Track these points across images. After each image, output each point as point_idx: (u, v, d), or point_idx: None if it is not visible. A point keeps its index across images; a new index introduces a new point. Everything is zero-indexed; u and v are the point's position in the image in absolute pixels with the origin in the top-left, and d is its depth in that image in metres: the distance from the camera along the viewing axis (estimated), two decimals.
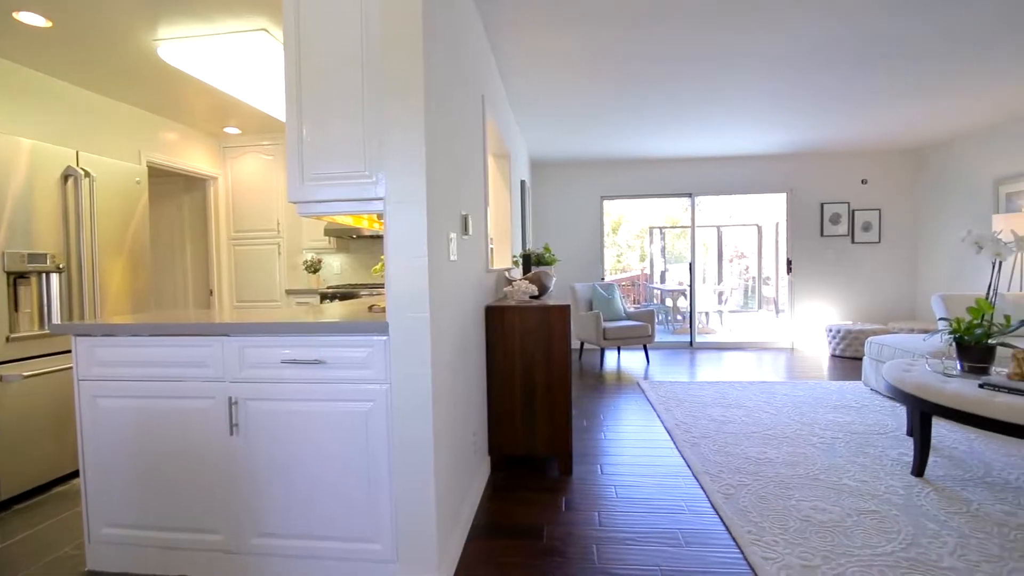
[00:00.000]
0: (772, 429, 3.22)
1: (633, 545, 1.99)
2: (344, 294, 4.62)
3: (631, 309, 5.88)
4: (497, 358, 2.64)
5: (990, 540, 1.95)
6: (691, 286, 6.60)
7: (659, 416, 3.58)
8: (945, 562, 1.81)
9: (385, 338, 1.68)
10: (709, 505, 2.30)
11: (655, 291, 9.21)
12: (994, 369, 2.52)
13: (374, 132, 1.68)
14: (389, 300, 1.66)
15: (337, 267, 5.23)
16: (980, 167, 5.24)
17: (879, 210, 6.21)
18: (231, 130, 4.58)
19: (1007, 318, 2.50)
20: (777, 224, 8.29)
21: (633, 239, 14.02)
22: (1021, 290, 4.50)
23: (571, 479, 2.60)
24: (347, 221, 2.31)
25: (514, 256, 3.86)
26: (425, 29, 1.63)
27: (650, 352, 6.03)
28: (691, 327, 6.61)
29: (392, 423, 1.68)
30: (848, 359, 5.50)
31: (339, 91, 1.70)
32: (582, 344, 5.95)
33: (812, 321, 6.34)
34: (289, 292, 4.82)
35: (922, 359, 2.89)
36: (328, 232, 4.86)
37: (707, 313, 8.26)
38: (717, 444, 2.99)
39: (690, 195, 6.42)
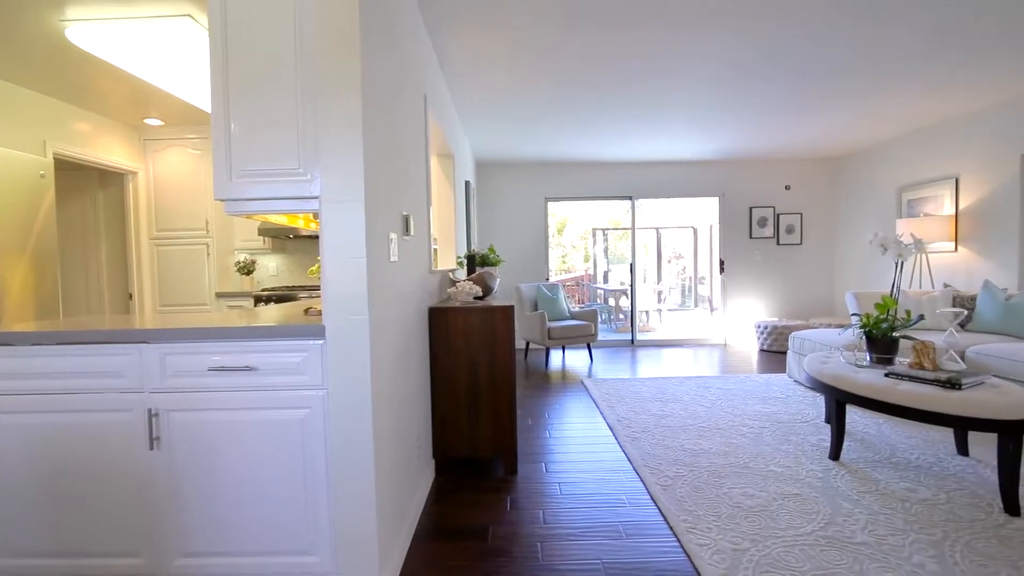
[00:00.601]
0: (707, 421, 3.39)
1: (576, 540, 2.02)
2: (281, 296, 4.42)
3: (575, 309, 6.00)
4: (441, 360, 2.61)
5: (895, 515, 2.14)
6: (632, 286, 6.82)
7: (602, 413, 3.67)
8: (857, 538, 1.97)
9: (321, 342, 1.62)
10: (648, 497, 2.38)
11: (598, 291, 9.45)
12: (898, 360, 2.77)
13: (309, 128, 1.61)
14: (325, 302, 1.60)
15: (273, 268, 5.00)
16: (886, 176, 5.75)
17: (801, 214, 6.68)
18: (153, 122, 4.27)
19: (908, 313, 2.75)
20: (711, 226, 8.73)
21: (578, 240, 14.33)
22: (921, 287, 4.97)
23: (516, 478, 2.62)
24: (282, 221, 2.22)
25: (459, 257, 3.84)
26: (363, 25, 1.59)
27: (594, 350, 6.17)
28: (632, 326, 6.83)
29: (330, 430, 1.63)
30: (775, 353, 5.87)
31: (271, 85, 1.62)
32: (528, 344, 6.01)
33: (743, 318, 6.72)
34: (220, 295, 4.56)
35: (837, 352, 3.14)
36: (263, 232, 4.64)
37: (647, 312, 8.56)
38: (656, 438, 3.10)
39: (630, 198, 6.64)
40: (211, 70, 1.62)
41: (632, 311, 6.86)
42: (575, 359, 5.78)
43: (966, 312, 3.47)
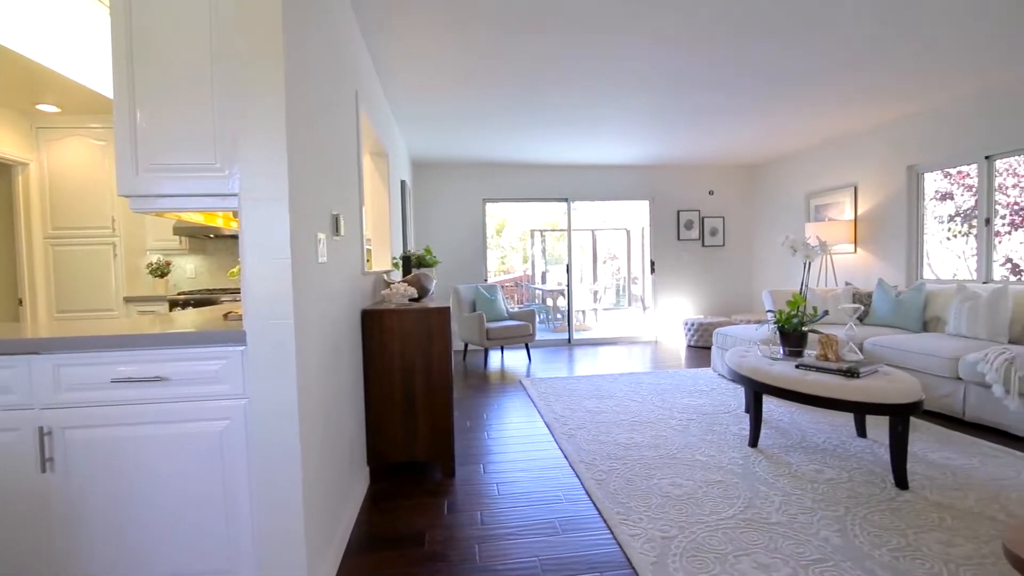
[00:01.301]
0: (639, 416, 3.52)
1: (513, 539, 2.04)
2: (200, 300, 4.13)
3: (514, 309, 6.05)
4: (375, 364, 2.54)
5: (805, 495, 2.32)
6: (569, 286, 6.97)
7: (539, 411, 3.72)
8: (773, 518, 2.12)
9: (242, 348, 1.52)
10: (584, 492, 2.44)
11: (537, 291, 9.58)
12: (807, 352, 3.01)
13: (227, 120, 1.52)
14: (247, 306, 1.51)
15: (191, 270, 4.66)
16: (797, 182, 6.24)
17: (723, 217, 7.11)
18: (47, 108, 3.85)
19: (815, 309, 3.00)
20: (643, 228, 9.09)
21: (516, 241, 14.45)
22: (827, 285, 5.44)
23: (454, 481, 2.60)
24: (198, 219, 2.07)
25: (394, 258, 3.76)
26: (286, 12, 1.51)
27: (532, 350, 6.25)
28: (569, 325, 6.98)
29: (252, 441, 1.54)
30: (701, 348, 6.21)
31: (183, 72, 1.51)
32: (466, 345, 5.98)
33: (672, 316, 7.05)
34: (129, 300, 4.18)
35: (755, 346, 3.36)
36: (179, 231, 4.31)
37: (584, 311, 8.78)
38: (591, 434, 3.18)
39: (566, 200, 6.78)
40: (113, 51, 1.49)
41: (569, 311, 7.01)
42: (514, 359, 5.83)
43: (863, 307, 3.83)
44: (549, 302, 8.71)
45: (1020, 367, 2.84)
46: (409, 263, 3.36)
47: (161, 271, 4.38)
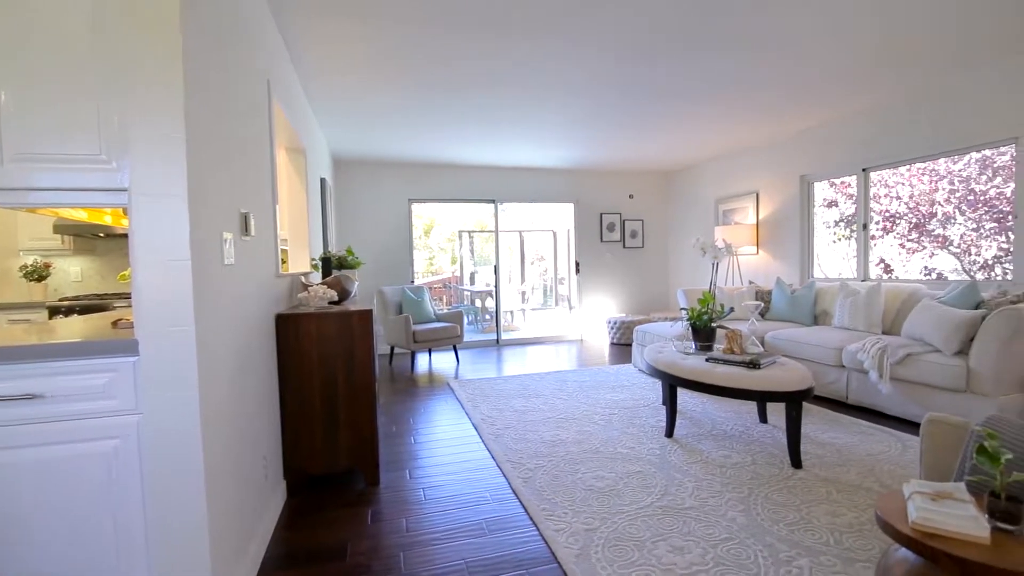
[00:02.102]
0: (564, 413, 3.61)
1: (440, 544, 2.01)
2: (88, 307, 3.70)
3: (442, 311, 5.99)
4: (292, 371, 2.41)
5: (715, 479, 2.49)
6: (496, 287, 7.01)
7: (467, 413, 3.71)
8: (687, 503, 2.26)
9: (134, 359, 1.38)
10: (510, 491, 2.46)
11: (465, 292, 9.55)
12: (716, 346, 3.24)
13: (114, 105, 1.37)
14: (139, 313, 1.37)
15: (76, 273, 4.17)
16: (707, 188, 6.70)
17: (642, 220, 7.47)
18: None
19: (722, 306, 3.23)
20: (568, 230, 9.34)
21: (445, 242, 14.33)
22: (734, 284, 5.88)
23: (378, 489, 2.52)
24: (80, 216, 1.85)
25: (313, 259, 3.59)
26: None
27: (460, 352, 6.22)
28: (497, 326, 7.02)
29: (148, 462, 1.40)
30: (623, 346, 6.48)
31: (58, 49, 1.34)
32: (392, 349, 5.83)
33: (597, 315, 7.31)
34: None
35: (670, 342, 3.56)
36: (61, 229, 3.84)
37: (512, 312, 8.88)
38: (519, 433, 3.22)
39: (494, 201, 6.82)
40: None
41: (497, 312, 7.05)
42: (442, 361, 5.77)
43: (763, 304, 4.17)
44: (478, 303, 8.71)
45: (890, 355, 3.23)
46: (329, 265, 3.22)
47: (39, 274, 3.87)
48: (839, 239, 5.08)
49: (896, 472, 2.51)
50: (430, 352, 6.22)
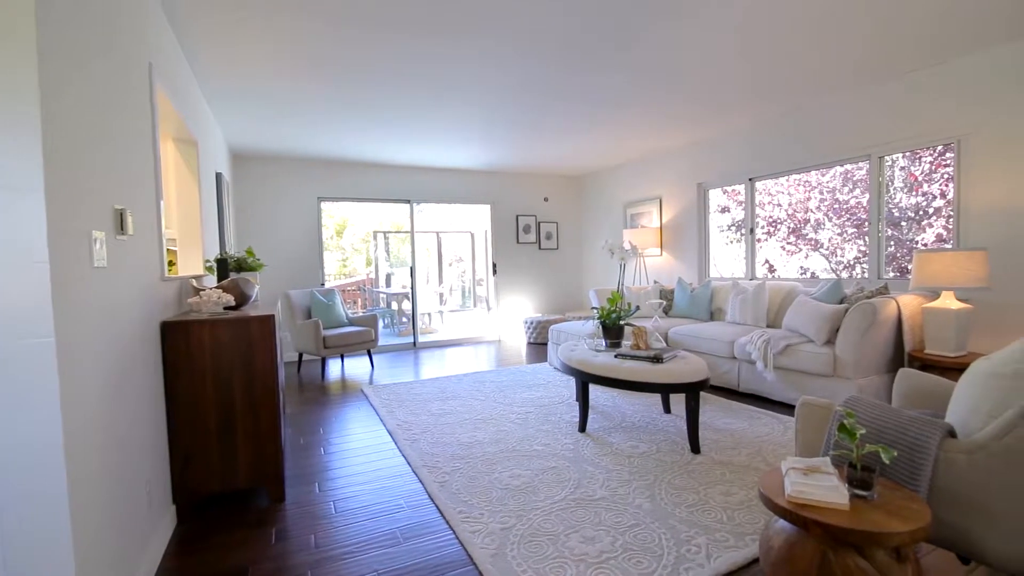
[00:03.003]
0: (482, 414, 3.62)
1: (351, 557, 1.93)
2: None
3: (356, 314, 5.76)
4: (182, 384, 2.20)
5: (623, 469, 2.62)
6: (413, 289, 6.88)
7: (381, 419, 3.60)
8: (598, 494, 2.35)
9: None
10: (427, 496, 2.42)
11: (381, 295, 9.27)
12: (624, 343, 3.41)
13: None
14: None
15: None
16: (616, 193, 7.04)
17: (557, 223, 7.70)
18: None
19: (629, 305, 3.41)
20: (486, 232, 9.39)
21: (359, 243, 13.82)
22: (641, 284, 6.23)
23: (284, 506, 2.37)
24: None
25: (207, 261, 3.30)
26: None
27: (375, 356, 6.03)
28: (414, 328, 6.89)
29: None
30: (540, 345, 6.63)
31: None
32: (301, 356, 5.52)
33: (514, 315, 7.41)
34: None
35: (582, 340, 3.70)
36: None
37: (430, 314, 8.75)
38: (435, 437, 3.18)
39: (409, 202, 6.69)
40: None
41: (414, 314, 6.92)
42: (356, 367, 5.55)
43: (665, 303, 4.46)
44: (394, 306, 8.50)
45: (773, 346, 3.59)
46: (226, 267, 2.97)
47: None
48: (731, 242, 5.57)
49: (779, 451, 2.79)
50: (343, 358, 5.96)
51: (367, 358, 5.87)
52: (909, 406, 2.02)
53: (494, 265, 7.27)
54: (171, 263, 2.66)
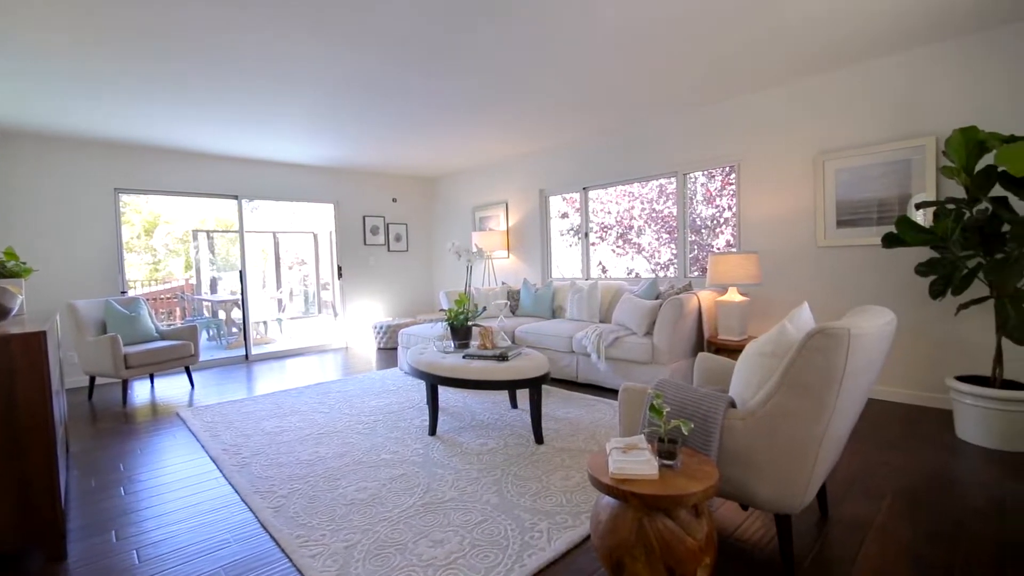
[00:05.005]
0: (325, 427, 3.38)
1: None
2: None
3: (170, 326, 4.95)
4: None
5: (473, 467, 2.66)
6: (243, 295, 6.16)
7: (203, 445, 3.15)
8: (447, 496, 2.35)
9: None
10: (259, 526, 2.18)
11: (205, 303, 8.13)
12: (472, 343, 3.47)
13: None
14: None
15: None
16: (466, 196, 7.16)
17: (406, 224, 7.56)
18: None
19: (476, 306, 3.48)
20: (331, 232, 8.82)
21: (176, 243, 11.94)
22: (490, 285, 6.42)
23: (65, 566, 1.93)
24: None
25: None
26: None
27: (196, 374, 5.26)
28: (246, 339, 6.18)
29: None
30: (390, 350, 6.44)
31: None
32: (92, 379, 4.56)
33: (363, 320, 7.09)
34: None
35: (431, 342, 3.68)
36: None
37: (266, 322, 7.94)
38: (270, 458, 2.88)
39: (237, 197, 5.98)
40: None
41: (245, 323, 6.20)
42: (170, 388, 4.77)
43: (509, 303, 4.67)
44: (221, 314, 7.52)
45: (604, 339, 3.98)
46: None
47: None
48: (571, 245, 6.04)
49: (611, 434, 3.10)
50: (152, 379, 5.09)
51: (185, 376, 5.10)
52: (706, 384, 2.39)
53: (339, 268, 6.86)
54: None
